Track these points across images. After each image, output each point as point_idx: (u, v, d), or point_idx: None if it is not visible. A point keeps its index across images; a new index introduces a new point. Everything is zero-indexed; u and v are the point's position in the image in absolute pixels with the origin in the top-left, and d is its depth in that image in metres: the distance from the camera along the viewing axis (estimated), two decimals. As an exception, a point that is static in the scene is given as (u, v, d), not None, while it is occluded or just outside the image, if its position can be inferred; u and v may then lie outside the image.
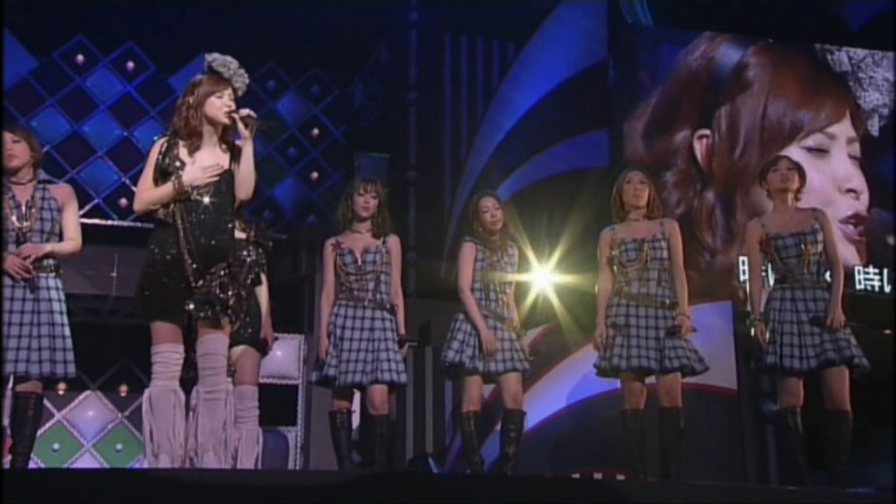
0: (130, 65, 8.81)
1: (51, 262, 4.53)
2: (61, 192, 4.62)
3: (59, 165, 8.34)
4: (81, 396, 8.05)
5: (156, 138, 3.97)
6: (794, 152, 7.87)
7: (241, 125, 3.83)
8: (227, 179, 3.88)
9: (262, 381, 7.18)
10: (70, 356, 4.44)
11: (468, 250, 5.16)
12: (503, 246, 5.19)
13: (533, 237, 7.41)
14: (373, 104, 9.16)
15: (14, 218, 4.46)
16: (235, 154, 3.94)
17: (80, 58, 8.67)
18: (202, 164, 3.88)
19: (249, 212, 5.34)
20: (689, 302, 4.87)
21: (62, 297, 4.52)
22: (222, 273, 3.79)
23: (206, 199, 3.83)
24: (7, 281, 4.38)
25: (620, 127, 8.23)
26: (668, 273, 4.89)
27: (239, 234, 4.91)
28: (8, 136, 4.54)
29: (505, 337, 5.08)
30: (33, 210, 4.50)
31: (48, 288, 4.48)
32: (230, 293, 3.77)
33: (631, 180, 4.99)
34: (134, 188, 4.35)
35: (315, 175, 9.20)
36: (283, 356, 7.41)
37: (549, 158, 8.48)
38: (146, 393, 3.79)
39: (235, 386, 4.69)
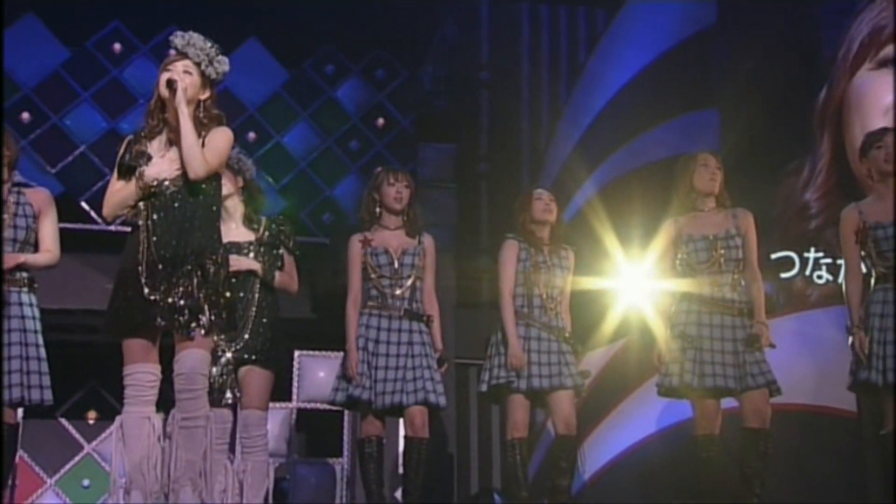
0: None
1: (23, 275, 4.56)
2: (38, 196, 4.66)
3: (97, 168, 8.49)
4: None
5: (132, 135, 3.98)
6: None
7: (162, 89, 3.77)
8: None
9: (302, 405, 7.22)
10: (46, 381, 4.47)
11: (509, 249, 5.11)
12: (554, 245, 5.13)
13: (625, 237, 7.18)
14: (444, 88, 9.04)
15: None
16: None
17: (116, 46, 8.81)
18: (172, 156, 3.86)
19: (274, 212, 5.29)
20: (793, 310, 4.65)
21: (37, 314, 4.55)
22: (191, 276, 3.71)
23: (176, 195, 3.80)
24: None
25: (733, 105, 7.94)
26: (742, 275, 4.67)
27: (246, 236, 4.87)
28: None
29: (553, 349, 5.00)
30: (5, 217, 4.54)
31: (20, 304, 4.51)
32: (201, 298, 3.70)
33: (707, 163, 4.84)
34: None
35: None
36: (326, 377, 7.33)
37: (646, 144, 8.23)
38: (117, 420, 3.80)
39: (241, 410, 4.66)
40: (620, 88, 8.36)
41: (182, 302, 3.73)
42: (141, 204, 3.86)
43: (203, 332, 3.76)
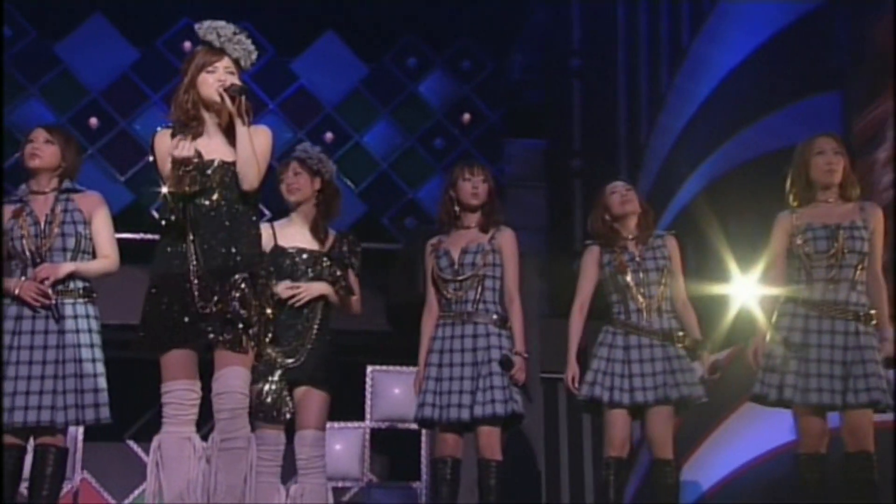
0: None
1: (78, 284, 4.56)
2: (87, 201, 4.65)
3: (167, 174, 8.54)
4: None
5: (159, 129, 3.94)
6: None
7: (227, 100, 3.75)
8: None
9: (376, 425, 7.13)
10: (102, 398, 4.46)
11: (587, 256, 5.04)
12: (643, 237, 4.97)
13: (735, 238, 6.96)
14: (535, 78, 8.90)
15: (32, 237, 4.50)
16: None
17: (187, 45, 8.84)
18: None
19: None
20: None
21: (94, 326, 4.53)
22: (242, 286, 3.71)
23: (221, 200, 3.77)
24: (27, 311, 4.43)
25: (859, 87, 7.61)
26: (864, 274, 4.41)
27: (311, 244, 4.81)
28: (41, 134, 4.61)
29: (657, 356, 4.87)
30: (53, 225, 4.54)
31: (75, 317, 4.50)
32: (252, 311, 3.69)
33: (823, 150, 4.59)
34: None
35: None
36: (402, 394, 7.25)
37: (758, 134, 7.96)
38: (155, 441, 3.75)
39: (298, 430, 4.66)
40: (729, 73, 8.10)
41: (234, 314, 3.71)
42: (184, 207, 3.81)
43: (254, 344, 3.73)
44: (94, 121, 8.68)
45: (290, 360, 4.72)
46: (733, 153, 7.95)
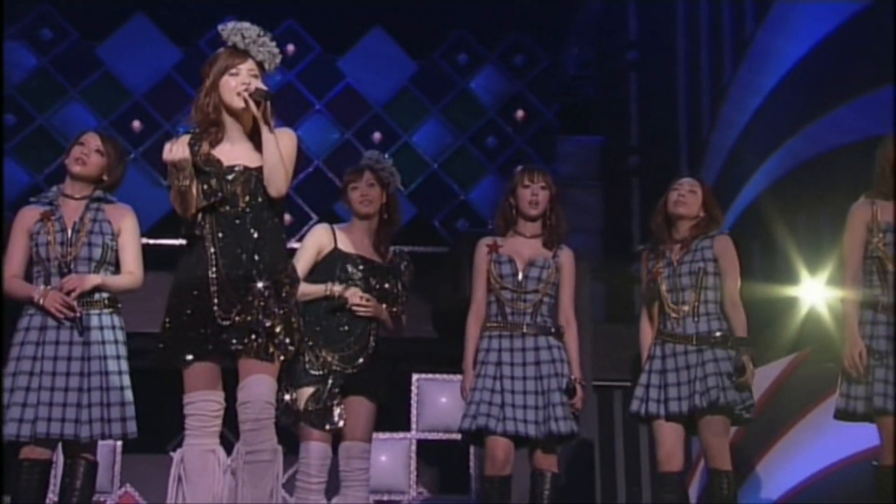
0: (291, 47, 8.95)
1: (103, 295, 4.57)
2: (118, 213, 4.65)
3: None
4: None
5: (180, 130, 3.93)
6: None
7: (251, 105, 3.72)
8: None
9: (423, 436, 7.08)
10: (129, 412, 4.47)
11: (643, 263, 4.96)
12: (689, 241, 4.87)
13: (803, 237, 6.85)
14: (591, 72, 8.82)
15: (58, 245, 4.52)
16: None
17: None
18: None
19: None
20: None
21: (119, 337, 4.54)
22: (265, 295, 3.71)
23: (244, 207, 3.75)
24: (51, 322, 4.44)
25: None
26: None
27: (374, 256, 4.79)
28: (94, 141, 4.62)
29: (692, 362, 4.78)
30: (81, 233, 4.54)
31: (101, 328, 4.51)
32: (276, 319, 3.69)
33: None
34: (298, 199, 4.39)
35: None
36: (449, 403, 7.18)
37: (828, 127, 7.80)
38: (177, 454, 3.74)
39: (343, 441, 4.66)
40: (796, 63, 7.95)
41: (257, 323, 3.69)
42: (206, 215, 3.81)
43: (282, 354, 3.70)
44: (136, 124, 8.75)
45: (345, 366, 4.69)
46: (801, 148, 7.81)
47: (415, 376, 7.00)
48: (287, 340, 3.72)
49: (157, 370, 4.63)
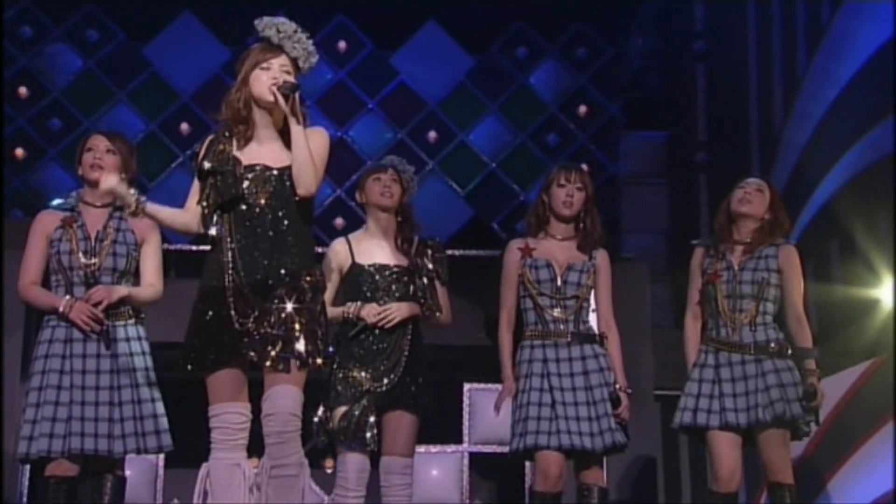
0: (342, 44, 8.98)
1: (127, 306, 4.57)
2: (142, 224, 4.65)
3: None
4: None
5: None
6: None
7: (279, 99, 3.71)
8: (290, 180, 3.81)
9: (476, 449, 7.01)
10: (162, 424, 4.47)
11: (693, 259, 4.89)
12: (753, 246, 4.78)
13: (885, 235, 6.69)
14: (656, 64, 8.72)
15: (81, 253, 4.52)
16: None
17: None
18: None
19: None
20: None
21: (146, 348, 4.55)
22: (286, 301, 3.67)
23: (266, 206, 3.72)
24: (76, 334, 4.45)
25: None
26: None
27: (397, 259, 4.75)
28: (102, 142, 4.64)
29: (750, 373, 4.73)
30: (104, 243, 4.55)
31: (127, 339, 4.52)
32: (296, 327, 3.65)
33: None
34: (352, 202, 4.39)
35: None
36: (503, 414, 6.99)
37: (912, 119, 7.67)
38: (203, 469, 3.73)
39: (383, 456, 4.63)
40: (877, 51, 7.76)
41: (276, 331, 3.66)
42: (224, 217, 3.80)
43: (302, 365, 3.66)
44: (185, 126, 8.81)
45: (377, 385, 4.66)
46: (882, 141, 7.62)
47: (466, 386, 6.91)
48: (308, 350, 3.67)
49: (199, 380, 4.66)
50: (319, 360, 3.70)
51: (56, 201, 4.82)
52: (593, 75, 9.00)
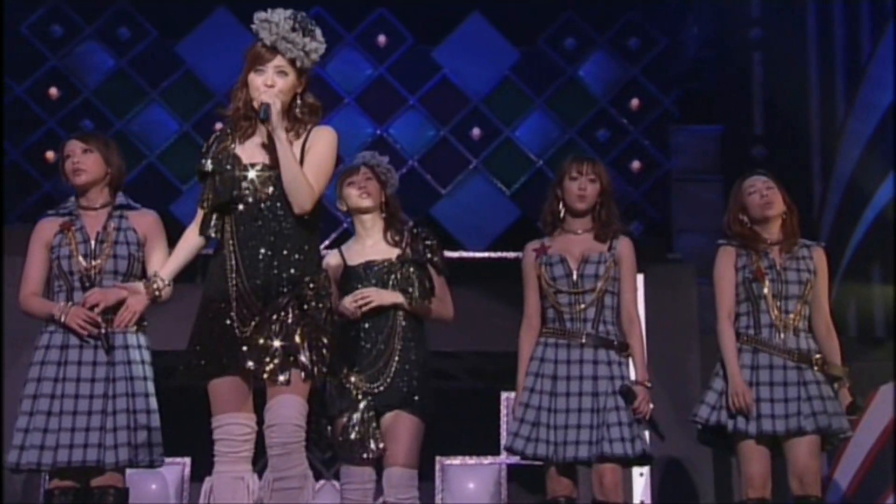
0: (382, 38, 8.97)
1: None
2: (143, 220, 4.68)
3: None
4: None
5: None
6: None
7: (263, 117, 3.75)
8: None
9: (514, 461, 6.96)
10: (156, 437, 4.48)
11: (723, 258, 4.91)
12: (787, 243, 4.79)
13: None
14: (712, 54, 8.63)
15: (80, 256, 4.55)
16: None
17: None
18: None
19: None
20: None
21: (146, 357, 4.55)
22: (287, 309, 3.65)
23: (266, 208, 3.73)
24: (73, 340, 4.47)
25: None
26: None
27: (385, 253, 4.73)
28: (77, 145, 4.68)
29: (791, 380, 4.74)
30: (105, 245, 4.57)
31: (126, 347, 4.52)
32: (298, 336, 3.65)
33: None
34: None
35: (637, 164, 8.81)
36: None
37: None
38: (206, 483, 3.76)
39: (385, 467, 4.57)
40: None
41: (277, 342, 3.65)
42: (225, 219, 3.81)
43: (305, 378, 3.66)
44: (220, 126, 8.78)
45: (372, 385, 4.62)
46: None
47: (503, 395, 6.87)
48: (311, 360, 3.67)
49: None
50: (322, 370, 3.70)
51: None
52: (646, 67, 8.90)
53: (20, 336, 5.89)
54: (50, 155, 8.65)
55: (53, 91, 8.76)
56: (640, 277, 5.52)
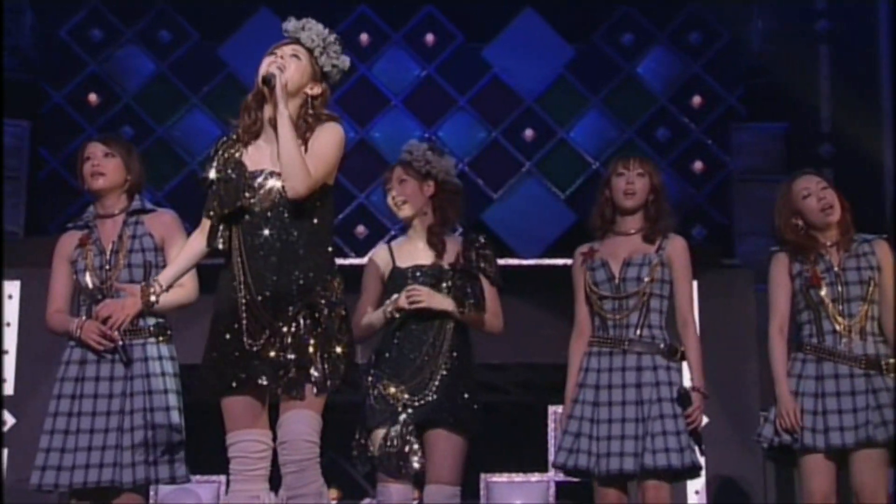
0: (430, 37, 8.96)
1: (149, 322, 4.58)
2: (160, 223, 4.68)
3: (345, 190, 8.66)
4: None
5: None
6: None
7: (265, 86, 3.73)
8: None
9: (564, 479, 6.91)
10: (178, 452, 4.48)
11: (776, 267, 4.82)
12: (845, 243, 4.70)
13: None
14: (776, 48, 8.53)
15: (96, 269, 4.57)
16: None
17: (363, 37, 8.97)
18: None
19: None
20: None
21: (168, 369, 4.55)
22: (298, 320, 3.65)
23: (273, 215, 3.72)
24: (91, 356, 4.49)
25: None
26: None
27: (433, 258, 4.71)
28: (98, 148, 4.70)
29: (859, 388, 4.66)
30: (119, 255, 4.59)
31: (145, 359, 4.52)
32: (311, 348, 3.67)
33: None
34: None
35: (699, 165, 8.73)
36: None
37: None
38: (222, 500, 3.75)
39: (427, 484, 4.55)
40: None
41: (288, 354, 3.66)
42: (232, 228, 3.82)
43: (317, 392, 3.66)
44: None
45: (415, 398, 4.60)
46: None
47: (551, 409, 6.84)
48: (324, 372, 3.67)
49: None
50: (335, 382, 3.68)
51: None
52: (708, 62, 8.83)
53: (51, 352, 5.99)
54: (90, 164, 8.75)
55: (93, 97, 8.83)
56: (694, 284, 5.44)
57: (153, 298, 3.95)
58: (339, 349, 3.70)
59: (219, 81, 8.95)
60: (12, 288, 6.78)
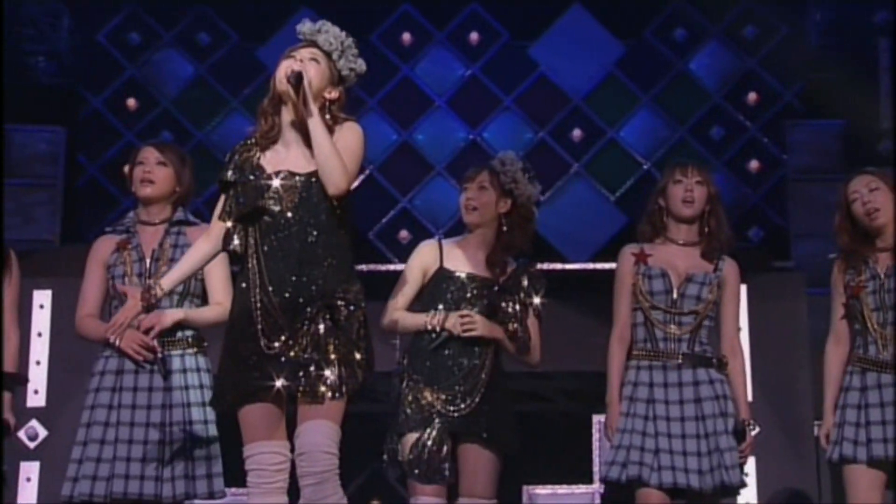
0: (475, 35, 8.95)
1: (186, 333, 4.62)
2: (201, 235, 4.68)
3: (384, 189, 8.65)
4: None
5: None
6: None
7: (282, 84, 3.73)
8: (317, 186, 3.80)
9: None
10: (216, 467, 4.50)
11: (833, 274, 4.84)
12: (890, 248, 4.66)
13: None
14: (834, 42, 8.44)
15: (135, 276, 4.60)
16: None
17: (405, 37, 8.98)
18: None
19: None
20: None
21: (205, 381, 4.59)
22: (317, 322, 3.66)
23: (292, 217, 3.73)
24: (128, 365, 4.52)
25: None
26: None
27: (488, 274, 4.70)
28: (152, 154, 4.73)
29: None
30: (160, 263, 4.62)
31: (184, 371, 4.56)
32: (330, 351, 3.66)
33: None
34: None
35: (755, 164, 8.66)
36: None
37: None
38: (240, 515, 3.75)
39: (461, 497, 4.59)
40: None
41: (306, 356, 3.65)
42: (249, 231, 3.83)
43: (333, 395, 3.66)
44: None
45: (453, 408, 4.60)
46: None
47: (595, 418, 6.80)
48: (342, 377, 3.67)
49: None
50: (353, 388, 3.68)
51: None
52: (764, 57, 8.76)
53: (84, 363, 6.03)
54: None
55: (132, 102, 8.89)
56: (743, 288, 5.39)
57: (155, 303, 3.97)
58: (357, 355, 3.72)
59: (259, 84, 8.94)
60: (44, 297, 6.81)
